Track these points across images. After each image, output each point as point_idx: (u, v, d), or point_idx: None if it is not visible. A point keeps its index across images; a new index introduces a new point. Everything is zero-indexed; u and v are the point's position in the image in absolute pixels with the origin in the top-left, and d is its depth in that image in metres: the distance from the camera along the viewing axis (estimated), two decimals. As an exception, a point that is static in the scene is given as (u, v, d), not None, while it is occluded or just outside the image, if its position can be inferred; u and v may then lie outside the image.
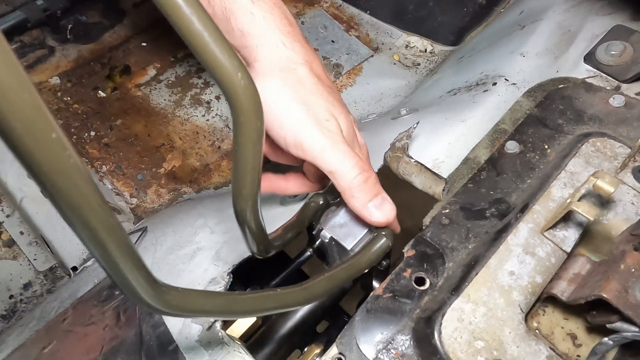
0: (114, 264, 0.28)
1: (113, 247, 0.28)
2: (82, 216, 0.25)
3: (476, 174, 0.60)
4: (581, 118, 0.61)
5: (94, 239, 0.26)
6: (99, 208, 0.25)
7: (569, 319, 0.52)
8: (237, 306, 0.38)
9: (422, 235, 0.56)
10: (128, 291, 0.31)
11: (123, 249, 0.28)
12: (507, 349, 0.44)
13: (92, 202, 0.24)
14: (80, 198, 0.24)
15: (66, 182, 0.23)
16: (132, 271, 0.30)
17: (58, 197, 0.23)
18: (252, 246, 0.44)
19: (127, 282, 0.30)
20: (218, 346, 0.53)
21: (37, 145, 0.21)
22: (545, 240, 0.50)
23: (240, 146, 0.33)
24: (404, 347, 0.48)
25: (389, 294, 0.52)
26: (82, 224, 0.25)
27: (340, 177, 0.51)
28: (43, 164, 0.22)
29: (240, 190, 0.36)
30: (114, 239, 0.27)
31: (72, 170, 0.23)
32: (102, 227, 0.26)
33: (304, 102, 0.51)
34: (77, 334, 0.63)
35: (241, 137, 0.32)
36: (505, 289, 0.47)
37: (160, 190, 1.02)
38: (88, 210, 0.25)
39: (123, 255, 0.28)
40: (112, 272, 0.29)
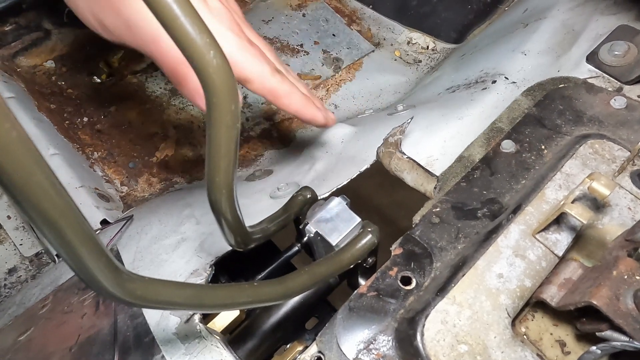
0: (71, 251, 0.27)
1: (67, 229, 0.26)
2: (29, 195, 0.23)
3: (470, 173, 0.58)
4: (580, 119, 0.59)
5: (45, 220, 0.24)
6: (48, 186, 0.23)
7: (559, 326, 0.51)
8: (207, 299, 0.36)
9: (411, 233, 0.55)
10: (87, 279, 0.29)
11: (79, 231, 0.27)
12: (491, 354, 0.42)
13: (39, 180, 0.23)
14: (25, 176, 0.22)
15: (7, 158, 0.21)
16: (90, 256, 0.28)
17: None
18: (230, 238, 0.43)
19: (86, 271, 0.29)
20: (195, 340, 0.52)
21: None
22: (537, 243, 0.48)
23: (213, 129, 0.31)
24: (385, 348, 0.46)
25: (373, 292, 0.50)
26: (30, 205, 0.23)
27: (259, 82, 0.50)
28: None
29: (213, 178, 0.34)
30: (68, 220, 0.26)
31: (13, 145, 0.21)
32: (53, 207, 0.24)
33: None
34: (55, 321, 0.62)
35: (214, 120, 0.30)
36: (493, 292, 0.46)
37: (152, 179, 1.00)
38: (35, 188, 0.23)
39: (79, 238, 0.27)
40: (70, 260, 0.27)
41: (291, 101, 0.58)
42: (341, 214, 0.54)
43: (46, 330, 0.61)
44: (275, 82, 0.55)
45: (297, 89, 0.59)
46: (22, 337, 0.62)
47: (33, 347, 0.59)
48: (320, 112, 0.63)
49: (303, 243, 0.63)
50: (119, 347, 0.52)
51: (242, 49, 0.52)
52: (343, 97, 1.14)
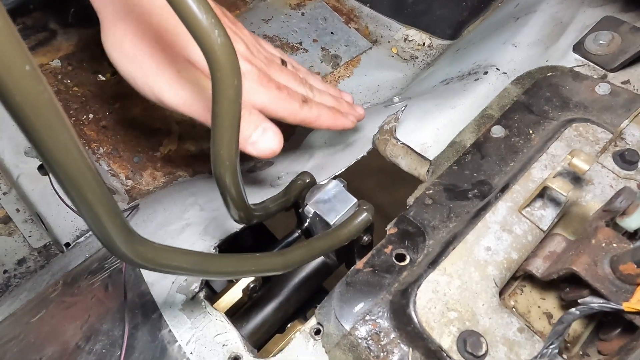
0: (89, 208, 0.29)
1: (88, 190, 0.29)
2: (55, 154, 0.26)
3: (461, 157, 0.61)
4: (567, 105, 0.62)
5: (69, 180, 0.27)
6: (73, 148, 0.26)
7: (546, 299, 0.53)
8: (212, 266, 0.39)
9: (405, 214, 0.57)
10: (103, 238, 0.32)
11: (98, 193, 0.29)
12: (479, 320, 0.45)
13: (64, 141, 0.26)
14: (51, 134, 0.25)
15: (38, 117, 0.24)
16: (107, 218, 0.31)
17: (30, 130, 0.24)
18: (233, 213, 0.45)
19: (102, 229, 0.31)
20: (200, 315, 0.54)
21: (9, 76, 0.22)
22: (523, 219, 0.51)
23: (217, 104, 0.34)
24: (380, 318, 0.49)
25: (369, 268, 0.53)
26: (55, 163, 0.26)
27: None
28: (15, 95, 0.23)
29: (218, 152, 0.37)
30: (89, 182, 0.28)
31: (44, 106, 0.24)
32: (76, 169, 0.27)
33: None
34: (65, 303, 0.64)
35: (218, 94, 0.33)
36: (481, 263, 0.48)
37: (156, 173, 1.03)
38: (61, 148, 0.26)
39: (98, 199, 0.29)
40: (88, 217, 0.30)
41: (321, 122, 0.64)
42: (338, 195, 0.56)
43: (57, 312, 0.63)
44: (304, 114, 0.61)
45: (324, 108, 0.65)
46: (34, 318, 0.64)
47: (44, 327, 0.62)
48: (349, 119, 0.68)
49: (303, 229, 0.65)
50: (128, 323, 0.55)
51: (273, 99, 0.58)
52: (341, 93, 1.16)
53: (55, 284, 0.69)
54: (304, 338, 0.51)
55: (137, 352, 0.53)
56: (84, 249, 0.75)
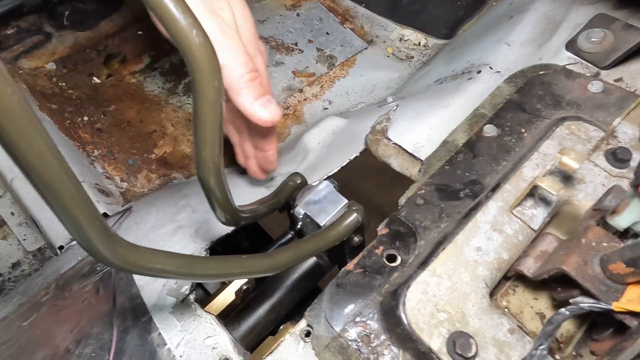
0: (66, 212, 0.29)
1: (64, 193, 0.28)
2: (28, 159, 0.25)
3: (453, 157, 0.61)
4: (559, 103, 0.61)
5: (43, 183, 0.27)
6: (47, 151, 0.26)
7: (539, 299, 0.53)
8: (198, 268, 0.38)
9: (397, 214, 0.57)
10: (82, 242, 0.31)
11: (75, 196, 0.29)
12: (469, 321, 0.44)
13: (37, 145, 0.25)
14: (23, 138, 0.24)
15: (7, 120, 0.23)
16: (86, 221, 0.30)
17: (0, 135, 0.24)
18: (220, 215, 0.45)
19: (81, 233, 0.31)
20: (190, 317, 0.54)
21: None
22: (514, 219, 0.50)
23: (198, 106, 0.33)
24: (371, 320, 0.49)
25: (359, 269, 0.52)
26: (29, 167, 0.26)
27: (227, 73, 0.50)
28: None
29: (200, 155, 0.37)
30: (66, 185, 0.28)
31: (13, 108, 0.23)
32: (51, 172, 0.27)
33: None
34: (57, 307, 0.64)
35: (198, 96, 0.33)
36: (471, 263, 0.48)
37: (151, 175, 1.03)
38: (33, 152, 0.25)
39: (75, 202, 0.29)
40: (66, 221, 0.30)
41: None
42: (329, 196, 0.56)
43: (48, 315, 0.63)
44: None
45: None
46: (26, 322, 0.64)
47: (36, 331, 0.61)
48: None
49: (296, 230, 0.65)
50: (117, 327, 0.54)
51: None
52: (337, 93, 1.16)
53: (47, 287, 0.69)
54: (294, 340, 0.51)
55: (127, 355, 0.53)
56: (77, 252, 0.75)
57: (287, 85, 1.17)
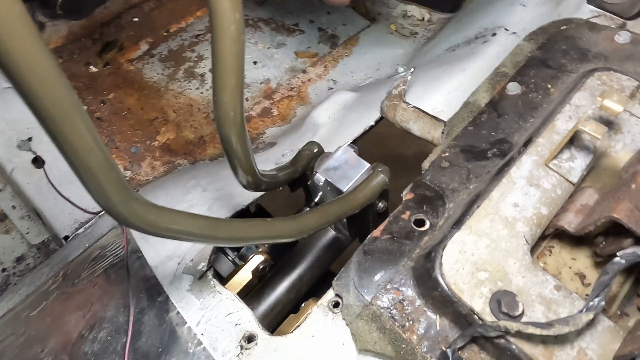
0: (79, 158, 0.26)
1: (80, 141, 0.25)
2: (43, 104, 0.22)
3: (477, 117, 0.58)
4: (585, 56, 0.58)
5: (59, 132, 0.24)
6: (65, 98, 0.23)
7: (577, 259, 0.50)
8: (221, 231, 0.36)
9: (422, 178, 0.54)
10: (96, 194, 0.28)
11: (92, 146, 0.26)
12: (512, 280, 0.41)
13: (63, 99, 0.22)
14: (41, 84, 0.22)
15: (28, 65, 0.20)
16: (100, 171, 0.27)
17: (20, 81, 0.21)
18: (241, 177, 0.42)
19: (94, 183, 0.28)
20: (210, 294, 0.51)
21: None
22: (551, 172, 0.47)
23: (217, 43, 0.30)
24: (403, 286, 0.46)
25: (387, 235, 0.49)
26: (46, 114, 0.23)
27: None
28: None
29: (221, 104, 0.33)
30: (83, 134, 0.25)
31: (36, 56, 0.20)
32: (73, 126, 0.24)
33: None
34: (66, 294, 0.61)
35: (218, 31, 0.29)
36: (509, 220, 0.45)
37: (155, 163, 0.99)
38: (50, 98, 0.22)
39: (92, 153, 0.26)
40: (80, 169, 0.27)
41: None
42: (350, 161, 0.53)
43: (58, 303, 0.60)
44: None
45: None
46: (34, 312, 0.61)
47: (46, 319, 0.58)
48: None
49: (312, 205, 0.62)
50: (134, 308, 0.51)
51: None
52: (342, 72, 1.13)
53: (55, 276, 0.66)
54: (321, 312, 0.48)
55: (145, 336, 0.50)
56: (84, 239, 0.72)
57: (289, 67, 1.14)
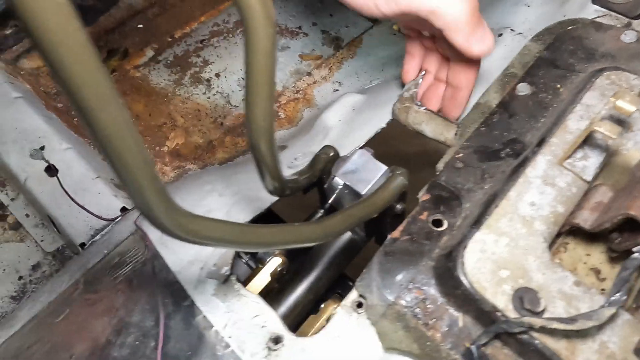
0: (130, 175, 0.27)
1: (132, 160, 0.26)
2: (104, 123, 0.24)
3: (488, 118, 0.59)
4: (593, 56, 0.60)
5: (109, 140, 0.25)
6: (121, 117, 0.24)
7: (591, 255, 0.51)
8: (254, 236, 0.37)
9: (437, 180, 0.55)
10: (145, 209, 0.30)
11: (140, 159, 0.27)
12: (532, 277, 0.43)
13: (113, 110, 0.24)
14: (101, 105, 0.23)
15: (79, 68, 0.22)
16: (149, 187, 0.29)
17: (74, 94, 0.22)
18: (268, 183, 0.43)
19: (143, 199, 0.29)
20: (235, 298, 0.52)
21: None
22: (565, 171, 0.49)
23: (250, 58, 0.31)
24: (425, 285, 0.47)
25: (406, 236, 0.51)
26: (96, 121, 0.24)
27: (444, 14, 0.51)
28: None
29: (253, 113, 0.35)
30: (135, 152, 0.26)
31: (94, 76, 0.22)
32: (124, 138, 0.25)
33: None
34: (89, 301, 0.62)
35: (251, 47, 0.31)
36: (527, 219, 0.46)
37: (165, 168, 1.00)
38: (109, 117, 0.24)
39: (143, 170, 0.27)
40: (130, 185, 0.28)
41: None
42: (367, 164, 0.54)
43: (82, 310, 0.61)
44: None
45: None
46: (58, 319, 0.62)
47: (71, 326, 0.60)
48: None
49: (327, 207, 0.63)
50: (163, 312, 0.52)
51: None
52: (346, 74, 1.14)
53: (76, 284, 0.67)
54: (345, 312, 0.49)
55: (173, 340, 0.51)
56: (102, 246, 0.73)
57: (294, 70, 1.16)
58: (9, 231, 0.91)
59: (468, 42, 0.54)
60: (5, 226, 0.92)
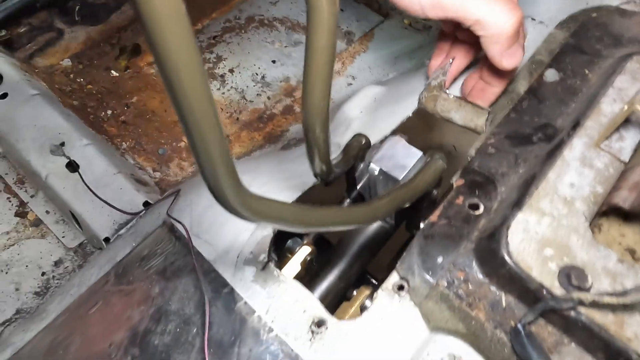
0: (209, 158, 0.28)
1: (213, 146, 0.27)
2: (192, 103, 0.24)
3: (517, 104, 0.60)
4: (619, 42, 0.61)
5: (198, 132, 0.26)
6: (207, 99, 0.25)
7: (625, 235, 0.52)
8: (311, 217, 0.37)
9: (470, 165, 0.56)
10: (218, 192, 0.31)
11: (219, 143, 0.28)
12: (576, 255, 0.44)
13: (201, 93, 0.24)
14: (192, 89, 0.24)
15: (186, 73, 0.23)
16: (223, 171, 0.30)
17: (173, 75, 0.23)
18: (317, 166, 0.44)
19: (218, 182, 0.30)
20: (275, 284, 0.53)
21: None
22: (602, 153, 0.49)
23: (314, 35, 0.32)
24: (467, 267, 0.48)
25: (444, 220, 0.51)
26: (187, 103, 0.25)
27: (488, 26, 0.51)
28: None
29: (311, 94, 0.35)
30: (216, 140, 0.27)
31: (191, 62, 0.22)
32: (208, 122, 0.26)
33: None
34: (123, 292, 0.63)
35: (315, 24, 0.31)
36: (568, 199, 0.47)
37: (183, 163, 1.01)
38: (198, 99, 0.24)
39: (218, 151, 0.28)
40: (206, 168, 0.29)
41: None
42: (402, 150, 0.55)
43: (116, 300, 0.62)
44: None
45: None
46: (92, 310, 0.62)
47: (107, 316, 0.60)
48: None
49: (354, 196, 0.64)
50: (208, 297, 0.53)
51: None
52: (359, 68, 1.15)
53: (106, 276, 0.67)
54: (387, 295, 0.49)
55: (215, 326, 0.51)
56: (129, 239, 0.73)
57: (308, 64, 1.16)
58: (29, 228, 0.91)
59: (501, 55, 0.54)
60: (26, 223, 0.92)
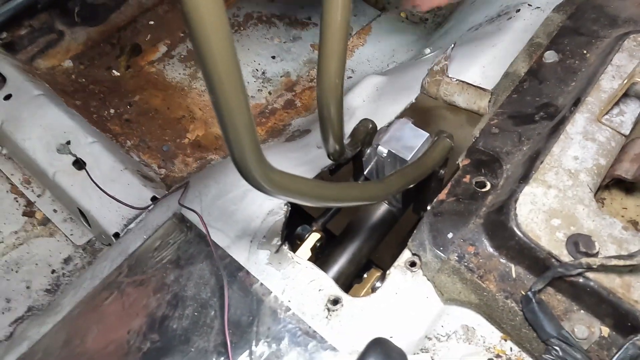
0: (236, 134, 0.29)
1: (240, 118, 0.29)
2: (225, 85, 0.26)
3: (518, 85, 0.61)
4: (615, 22, 0.62)
5: (228, 112, 0.27)
6: (239, 81, 0.26)
7: (628, 208, 0.54)
8: (327, 192, 0.39)
9: (474, 145, 0.57)
10: (244, 167, 0.32)
11: (247, 119, 0.29)
12: (583, 224, 0.45)
13: (235, 75, 0.26)
14: (227, 72, 0.25)
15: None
16: (250, 147, 0.31)
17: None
18: (331, 146, 0.45)
19: (245, 158, 0.31)
20: (289, 265, 0.54)
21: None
22: (603, 127, 0.51)
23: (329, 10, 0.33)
24: (477, 241, 0.49)
25: (452, 198, 0.53)
26: (224, 92, 0.26)
27: None
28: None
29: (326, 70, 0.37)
30: (244, 115, 0.29)
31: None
32: (239, 102, 0.27)
33: None
34: (137, 282, 0.64)
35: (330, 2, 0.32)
36: (572, 172, 0.49)
37: (187, 159, 1.02)
38: (230, 80, 0.26)
39: (246, 128, 0.29)
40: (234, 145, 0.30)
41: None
42: (409, 132, 0.56)
43: (131, 290, 0.63)
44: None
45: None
46: (107, 301, 0.63)
47: (123, 306, 0.61)
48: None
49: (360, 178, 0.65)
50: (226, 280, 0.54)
51: None
52: (358, 61, 1.17)
53: (119, 268, 0.68)
54: (399, 272, 0.51)
55: (233, 308, 0.52)
56: (139, 233, 0.74)
57: (307, 59, 1.17)
58: (38, 227, 0.92)
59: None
60: (34, 222, 0.92)
